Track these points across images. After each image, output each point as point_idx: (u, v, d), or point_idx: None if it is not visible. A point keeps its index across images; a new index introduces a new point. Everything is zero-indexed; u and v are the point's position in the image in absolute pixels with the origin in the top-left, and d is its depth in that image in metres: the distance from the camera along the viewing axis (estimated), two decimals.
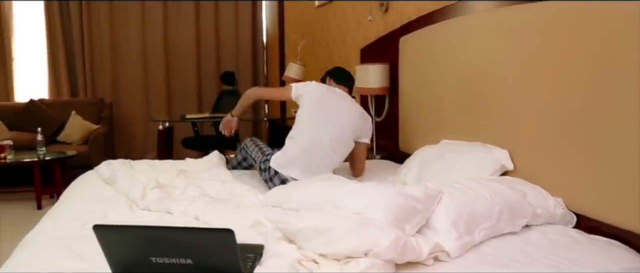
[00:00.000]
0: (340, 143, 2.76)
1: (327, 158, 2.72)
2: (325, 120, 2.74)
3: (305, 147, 2.69)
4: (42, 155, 4.65)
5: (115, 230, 1.39)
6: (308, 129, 2.74)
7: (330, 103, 2.82)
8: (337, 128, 2.75)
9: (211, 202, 2.14)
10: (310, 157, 2.67)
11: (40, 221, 2.18)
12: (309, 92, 2.83)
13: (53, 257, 1.62)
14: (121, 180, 2.57)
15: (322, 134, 2.71)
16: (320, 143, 2.70)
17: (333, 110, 2.79)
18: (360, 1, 4.26)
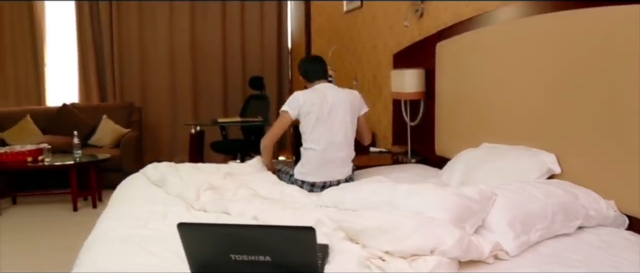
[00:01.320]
0: (349, 133, 2.99)
1: (344, 152, 2.96)
2: (328, 121, 2.92)
3: (322, 153, 2.89)
4: (78, 158, 4.74)
5: (198, 228, 1.46)
6: (318, 135, 2.91)
7: (322, 103, 2.94)
8: (341, 122, 2.94)
9: (267, 202, 2.20)
10: (330, 159, 2.89)
11: (100, 220, 2.25)
12: (301, 104, 2.94)
13: (128, 254, 1.68)
14: (171, 182, 2.64)
15: (333, 134, 2.91)
16: (334, 143, 2.92)
17: (330, 109, 2.94)
18: (392, 7, 4.32)
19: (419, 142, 3.79)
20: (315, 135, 2.92)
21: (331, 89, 3.04)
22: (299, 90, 3.12)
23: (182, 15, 6.66)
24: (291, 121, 3.03)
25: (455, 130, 3.28)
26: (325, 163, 2.88)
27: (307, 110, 2.93)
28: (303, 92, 3.04)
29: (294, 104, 2.97)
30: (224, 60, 6.85)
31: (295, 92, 3.07)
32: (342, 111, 2.95)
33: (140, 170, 3.12)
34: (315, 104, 2.92)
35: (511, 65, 2.71)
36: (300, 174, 2.91)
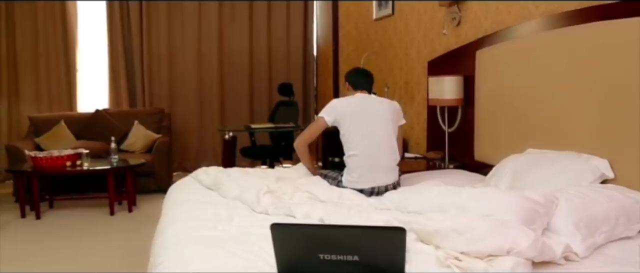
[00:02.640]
0: (392, 139, 2.99)
1: (388, 158, 2.95)
2: (370, 128, 2.95)
3: (368, 159, 2.90)
4: (116, 162, 4.83)
5: (290, 228, 1.52)
6: (362, 142, 2.93)
7: (364, 111, 2.99)
8: (383, 129, 2.97)
9: (330, 205, 2.26)
10: (374, 165, 2.89)
11: (164, 222, 2.32)
12: (341, 112, 2.98)
13: (211, 255, 1.74)
14: (226, 186, 2.71)
15: (375, 141, 2.93)
16: (379, 149, 2.92)
17: (370, 116, 2.99)
18: (426, 15, 4.38)
19: (456, 148, 3.84)
20: (355, 142, 2.96)
21: (372, 99, 3.12)
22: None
23: (209, 22, 6.76)
24: (325, 126, 3.06)
25: (497, 136, 3.33)
26: (369, 170, 2.91)
27: (346, 117, 2.96)
28: (342, 99, 3.10)
29: (332, 110, 3.01)
30: (250, 66, 6.94)
31: (334, 100, 3.13)
32: (383, 119, 3.00)
33: (191, 175, 3.19)
34: (355, 112, 2.97)
35: (558, 72, 2.76)
36: (348, 182, 2.93)
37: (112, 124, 5.93)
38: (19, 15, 6.21)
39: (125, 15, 6.54)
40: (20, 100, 6.35)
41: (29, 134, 5.84)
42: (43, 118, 5.93)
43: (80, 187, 5.27)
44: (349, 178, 2.94)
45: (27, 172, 4.66)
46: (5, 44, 6.20)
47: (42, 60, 6.36)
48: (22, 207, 4.70)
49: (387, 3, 5.15)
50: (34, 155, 4.68)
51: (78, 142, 5.65)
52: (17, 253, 3.79)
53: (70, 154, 4.77)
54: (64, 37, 6.37)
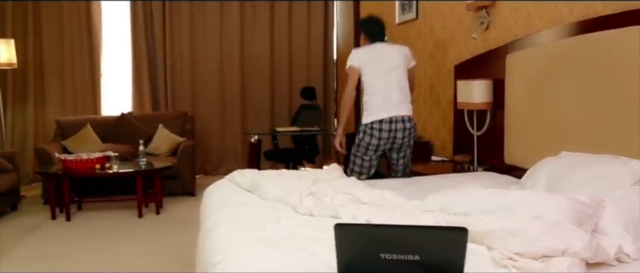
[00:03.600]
0: (403, 79, 3.66)
1: (399, 94, 3.61)
2: (385, 71, 3.60)
3: (381, 97, 3.57)
4: (143, 165, 4.90)
5: (354, 228, 1.56)
6: (378, 84, 3.59)
7: (380, 58, 3.64)
8: (395, 71, 3.62)
9: (373, 207, 2.30)
10: (387, 100, 3.57)
11: (211, 224, 2.36)
12: (363, 58, 3.64)
13: (269, 256, 1.78)
14: (266, 188, 2.75)
15: (388, 82, 3.59)
16: (390, 88, 3.58)
17: (385, 62, 3.63)
18: (453, 20, 4.42)
19: (484, 151, 3.87)
20: (373, 84, 3.61)
21: (386, 47, 3.74)
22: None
23: (231, 27, 6.84)
24: (358, 75, 3.64)
25: (529, 139, 3.35)
26: (384, 103, 3.57)
27: (366, 63, 3.61)
28: (362, 48, 3.73)
29: (354, 57, 3.66)
30: (271, 70, 7.00)
31: (354, 49, 3.77)
32: (395, 63, 3.64)
33: (226, 177, 3.24)
34: (371, 59, 3.62)
35: (592, 76, 2.79)
36: (367, 118, 3.59)
37: (137, 127, 6.00)
38: (45, 17, 6.31)
39: (149, 18, 6.63)
40: (46, 104, 6.44)
41: (56, 137, 5.92)
42: (69, 121, 6.01)
43: (106, 189, 5.34)
44: (368, 116, 3.60)
45: (57, 175, 4.73)
46: (33, 47, 6.30)
47: (67, 65, 6.46)
48: (53, 209, 4.77)
49: (411, 7, 5.19)
50: (64, 158, 4.76)
51: (104, 145, 5.73)
52: (50, 253, 3.86)
53: (99, 157, 4.84)
54: (89, 41, 6.47)
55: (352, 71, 3.65)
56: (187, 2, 6.69)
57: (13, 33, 6.16)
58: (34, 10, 6.27)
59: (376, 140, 3.58)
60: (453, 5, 4.40)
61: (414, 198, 2.56)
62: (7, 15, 6.18)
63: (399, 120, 3.57)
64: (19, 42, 5.98)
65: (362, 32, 3.83)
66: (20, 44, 6.04)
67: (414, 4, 5.12)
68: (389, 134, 3.57)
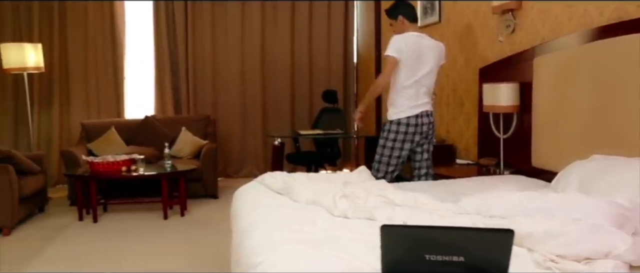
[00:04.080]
0: (433, 76, 3.77)
1: (428, 91, 3.75)
2: (420, 67, 3.66)
3: (415, 92, 3.67)
4: (169, 168, 4.95)
5: (401, 230, 1.58)
6: (412, 78, 3.65)
7: (419, 51, 3.65)
8: (429, 65, 3.70)
9: (408, 209, 2.32)
10: (418, 95, 3.68)
11: (246, 225, 2.39)
12: (405, 49, 3.59)
13: (311, 256, 1.79)
14: (298, 190, 2.78)
15: (421, 75, 3.67)
16: (420, 82, 3.67)
17: (423, 56, 3.67)
18: (477, 23, 4.42)
19: (510, 154, 3.87)
20: (407, 78, 3.65)
21: (425, 39, 3.73)
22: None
23: (252, 30, 6.89)
24: (397, 64, 3.61)
25: (557, 142, 3.35)
26: (415, 100, 3.68)
27: (406, 58, 3.60)
28: (405, 38, 3.63)
29: (399, 50, 3.60)
30: (291, 73, 7.04)
31: (397, 38, 3.65)
32: (431, 57, 3.70)
33: (256, 179, 3.26)
34: (411, 53, 3.61)
35: (623, 79, 2.78)
36: (399, 114, 3.68)
37: (160, 130, 6.07)
38: (71, 21, 6.41)
39: (171, 19, 6.70)
40: (71, 107, 6.54)
41: (81, 140, 6.01)
42: (94, 124, 6.10)
43: (130, 191, 5.40)
44: (400, 112, 3.68)
45: (84, 177, 4.80)
46: (58, 51, 6.40)
47: (91, 68, 6.56)
48: (80, 210, 4.84)
49: (434, 10, 5.20)
50: (91, 161, 4.83)
51: (128, 147, 5.81)
52: (80, 254, 3.92)
53: (125, 159, 4.90)
54: (113, 44, 6.56)
55: (392, 61, 3.61)
56: (209, 2, 6.74)
57: (39, 37, 6.27)
58: (60, 14, 6.38)
59: (410, 136, 3.71)
60: (477, 8, 4.41)
61: (445, 201, 2.57)
62: (33, 20, 6.29)
63: (424, 114, 3.73)
64: (45, 46, 6.09)
65: (400, 15, 3.77)
66: (46, 48, 6.14)
67: (437, 6, 5.13)
68: (416, 129, 3.72)
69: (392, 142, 3.74)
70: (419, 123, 3.71)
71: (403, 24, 3.77)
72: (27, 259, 3.80)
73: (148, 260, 3.79)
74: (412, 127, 3.70)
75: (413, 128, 3.70)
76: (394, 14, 3.82)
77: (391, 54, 3.62)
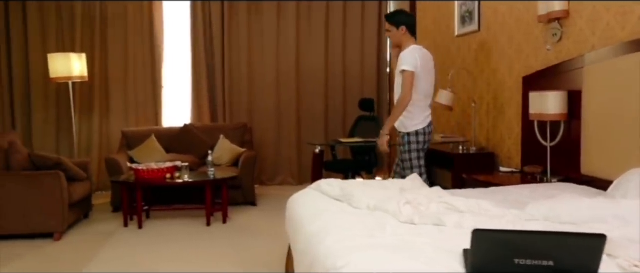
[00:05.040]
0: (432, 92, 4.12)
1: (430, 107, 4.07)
2: (427, 77, 3.99)
3: (425, 104, 4.01)
4: (212, 175, 5.03)
5: (493, 234, 1.62)
6: (423, 91, 3.95)
7: (426, 65, 3.98)
8: (431, 77, 4.07)
9: (476, 215, 2.35)
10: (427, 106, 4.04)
11: (313, 230, 2.44)
12: (418, 62, 3.87)
13: (394, 260, 1.84)
14: (358, 196, 2.83)
15: (428, 87, 4.01)
16: (428, 94, 4.03)
17: (428, 69, 4.01)
18: (519, 31, 4.45)
19: (557, 162, 3.88)
20: (421, 90, 3.92)
21: (427, 53, 4.05)
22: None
23: (287, 40, 6.99)
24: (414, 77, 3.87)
25: (609, 150, 3.36)
26: (426, 110, 4.01)
27: (420, 70, 3.86)
28: (412, 51, 3.92)
29: (413, 62, 3.86)
30: (325, 82, 7.11)
31: (408, 50, 3.93)
32: (431, 68, 4.05)
33: (310, 186, 3.32)
34: (421, 65, 3.89)
35: None
36: (415, 126, 3.98)
37: (199, 137, 6.16)
38: (111, 31, 6.56)
39: (207, 25, 6.80)
40: (110, 115, 6.67)
41: (121, 147, 6.12)
42: (134, 132, 6.21)
43: (169, 198, 5.49)
44: (415, 122, 3.98)
45: (130, 183, 4.90)
46: (99, 60, 6.54)
47: (130, 77, 6.70)
48: (126, 216, 4.94)
49: (472, 19, 5.23)
50: (136, 168, 4.93)
51: (168, 155, 5.90)
52: (131, 259, 4.01)
53: (169, 167, 4.99)
54: (151, 54, 6.70)
55: (410, 75, 3.85)
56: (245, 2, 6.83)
57: (81, 47, 6.41)
58: (101, 21, 6.52)
59: (427, 144, 4.08)
60: (520, 17, 4.44)
61: (508, 207, 2.60)
62: (76, 30, 6.44)
63: (431, 124, 4.09)
64: (86, 55, 6.21)
65: (402, 24, 3.99)
66: (87, 57, 6.28)
67: (476, 15, 5.16)
68: (428, 137, 4.09)
69: (417, 152, 4.04)
70: (428, 131, 4.05)
71: (404, 34, 4.02)
72: (82, 263, 3.90)
73: (198, 265, 3.86)
74: (428, 135, 4.06)
75: (428, 136, 4.06)
76: (397, 21, 4.03)
77: (409, 69, 3.85)
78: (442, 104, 5.04)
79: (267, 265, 3.85)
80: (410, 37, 4.06)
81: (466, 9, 5.38)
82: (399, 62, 3.95)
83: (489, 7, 4.95)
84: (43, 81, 6.48)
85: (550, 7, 3.89)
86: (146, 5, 6.64)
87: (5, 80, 6.48)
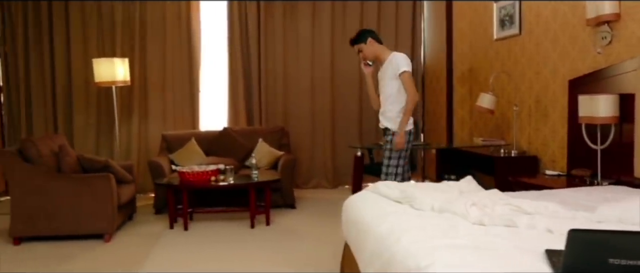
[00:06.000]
0: None
1: None
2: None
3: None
4: (256, 178, 5.09)
5: (588, 234, 1.65)
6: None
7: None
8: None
9: (546, 217, 2.38)
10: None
11: (393, 231, 2.46)
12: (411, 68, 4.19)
13: (478, 260, 1.88)
14: (421, 198, 2.86)
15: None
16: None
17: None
18: (564, 35, 4.46)
19: (607, 165, 3.88)
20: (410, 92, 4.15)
21: None
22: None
23: (322, 44, 7.05)
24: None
25: None
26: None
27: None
28: (403, 55, 4.21)
29: (409, 63, 4.15)
30: (360, 86, 7.15)
31: (399, 54, 4.21)
32: None
33: (368, 188, 3.36)
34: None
35: None
36: (409, 125, 4.20)
37: (238, 141, 6.24)
38: (150, 36, 6.68)
39: (244, 26, 6.88)
40: (149, 119, 6.78)
41: (162, 150, 6.22)
42: (174, 136, 6.31)
43: (210, 201, 5.56)
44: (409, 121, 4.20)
45: (176, 186, 4.98)
46: (138, 65, 6.66)
47: (168, 81, 6.80)
48: (172, 218, 5.02)
49: (513, 23, 5.25)
50: (180, 170, 5.01)
51: (207, 158, 5.98)
52: (183, 260, 4.08)
53: (213, 170, 5.07)
54: (189, 55, 6.79)
55: (410, 75, 4.17)
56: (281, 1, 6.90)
57: (122, 52, 6.54)
58: (140, 29, 6.64)
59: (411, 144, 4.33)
60: (565, 21, 4.45)
61: (578, 209, 2.62)
62: (116, 35, 6.57)
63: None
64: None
65: (369, 37, 4.27)
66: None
67: (517, 19, 5.18)
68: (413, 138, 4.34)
69: (406, 152, 4.28)
70: (413, 132, 4.31)
71: (373, 44, 4.26)
72: (137, 263, 3.98)
73: (249, 266, 3.92)
74: (413, 136, 4.31)
75: (413, 137, 4.32)
76: (363, 38, 4.27)
77: (408, 69, 4.12)
78: (484, 107, 5.06)
79: (316, 267, 3.90)
80: (380, 45, 4.32)
81: (506, 13, 5.40)
82: (394, 65, 4.15)
83: (531, 11, 4.97)
84: (84, 85, 6.61)
85: (601, 10, 3.89)
86: (184, 5, 6.74)
87: (49, 84, 6.61)
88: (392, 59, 4.19)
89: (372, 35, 4.29)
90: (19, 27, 6.52)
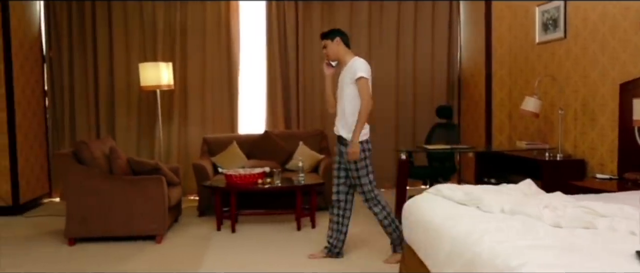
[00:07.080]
0: None
1: None
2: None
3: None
4: (303, 180, 5.15)
5: None
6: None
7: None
8: None
9: (625, 220, 2.40)
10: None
11: (470, 233, 2.49)
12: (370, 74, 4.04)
13: (570, 261, 1.92)
14: (489, 201, 2.89)
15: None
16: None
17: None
18: (614, 38, 4.45)
19: None
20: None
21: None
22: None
23: (359, 48, 7.03)
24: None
25: None
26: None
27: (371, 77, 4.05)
28: (363, 60, 4.06)
29: (367, 70, 4.01)
30: (396, 91, 7.19)
31: (360, 60, 4.06)
32: None
33: (429, 191, 3.39)
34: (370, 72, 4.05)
35: None
36: (365, 135, 4.07)
37: (279, 144, 6.30)
38: (191, 41, 6.78)
39: (282, 27, 6.95)
40: (189, 122, 6.87)
41: (204, 154, 6.29)
42: (215, 139, 6.39)
43: (253, 203, 5.61)
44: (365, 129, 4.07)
45: (222, 189, 5.05)
46: (179, 69, 6.76)
47: (208, 85, 6.89)
48: (219, 220, 5.09)
49: (557, 26, 5.25)
50: (227, 173, 5.08)
51: (249, 161, 6.05)
52: (237, 262, 4.16)
53: (259, 172, 5.13)
54: (228, 58, 6.87)
55: (367, 82, 4.01)
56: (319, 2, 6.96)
57: (163, 56, 6.64)
58: (181, 33, 6.74)
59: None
60: (615, 24, 4.45)
61: None
62: (158, 40, 6.68)
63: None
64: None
65: (338, 36, 4.11)
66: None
67: (562, 23, 5.18)
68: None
69: (370, 160, 4.10)
70: (369, 141, 4.14)
71: (339, 45, 4.09)
72: (193, 264, 4.05)
73: (305, 267, 3.97)
74: (370, 144, 4.14)
75: (370, 145, 4.14)
76: (332, 35, 4.10)
77: (365, 76, 3.97)
78: (529, 111, 5.06)
79: (367, 267, 3.95)
80: (346, 48, 4.14)
81: (549, 17, 5.40)
82: (353, 70, 3.98)
83: (577, 14, 4.97)
84: (126, 89, 6.72)
85: None
86: (224, 6, 6.83)
87: (92, 88, 6.74)
88: (352, 64, 4.02)
89: (343, 36, 4.12)
90: (63, 29, 6.66)
